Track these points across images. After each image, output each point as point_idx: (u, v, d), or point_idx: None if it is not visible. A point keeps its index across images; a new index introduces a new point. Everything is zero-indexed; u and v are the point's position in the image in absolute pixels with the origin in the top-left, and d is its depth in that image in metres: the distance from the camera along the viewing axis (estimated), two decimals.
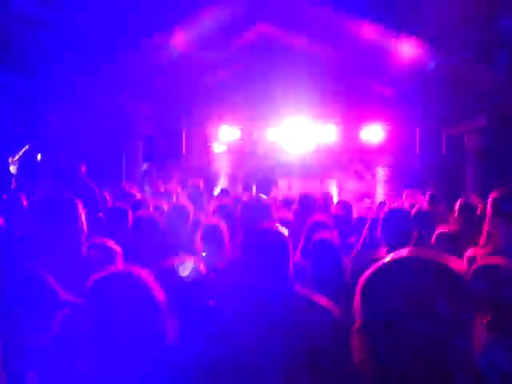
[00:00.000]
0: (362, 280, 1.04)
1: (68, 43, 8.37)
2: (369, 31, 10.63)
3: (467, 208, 4.55)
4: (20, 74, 8.62)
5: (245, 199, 4.61)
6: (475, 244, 3.22)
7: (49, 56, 8.43)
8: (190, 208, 4.54)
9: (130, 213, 4.42)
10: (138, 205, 5.09)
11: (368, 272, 1.04)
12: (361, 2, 9.56)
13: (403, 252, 1.04)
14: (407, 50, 10.84)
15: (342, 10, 10.07)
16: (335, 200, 7.72)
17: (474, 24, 8.27)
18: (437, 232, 4.00)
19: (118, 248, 3.14)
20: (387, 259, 1.03)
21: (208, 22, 10.73)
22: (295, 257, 2.72)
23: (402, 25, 9.60)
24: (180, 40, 10.85)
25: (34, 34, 7.99)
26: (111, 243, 3.17)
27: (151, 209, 5.22)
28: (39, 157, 10.42)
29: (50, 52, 8.36)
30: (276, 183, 11.12)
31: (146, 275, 2.00)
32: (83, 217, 3.12)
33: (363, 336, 0.98)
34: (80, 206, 3.14)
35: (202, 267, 2.65)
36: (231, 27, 11.65)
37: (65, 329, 2.06)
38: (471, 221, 4.23)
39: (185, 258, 2.67)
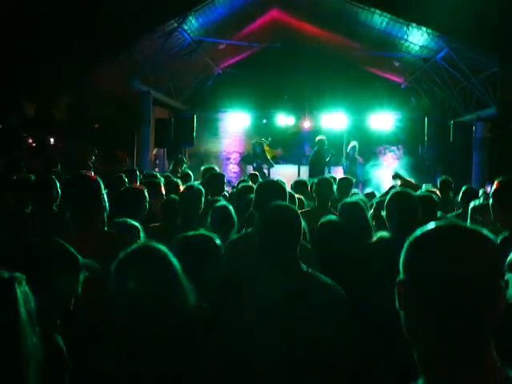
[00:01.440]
0: (413, 240, 1.10)
1: None
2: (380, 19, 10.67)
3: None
4: None
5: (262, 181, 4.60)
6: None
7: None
8: (202, 190, 4.65)
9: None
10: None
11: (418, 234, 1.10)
12: None
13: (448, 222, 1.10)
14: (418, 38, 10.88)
15: None
16: None
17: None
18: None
19: (137, 225, 3.31)
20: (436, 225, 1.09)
21: (221, 7, 10.79)
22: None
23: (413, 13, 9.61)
24: (192, 26, 10.93)
25: None
26: (131, 221, 3.34)
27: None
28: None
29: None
30: None
31: (164, 249, 2.18)
32: (105, 196, 3.29)
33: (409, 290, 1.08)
34: (101, 186, 3.32)
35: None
36: (244, 13, 11.71)
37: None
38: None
39: None
